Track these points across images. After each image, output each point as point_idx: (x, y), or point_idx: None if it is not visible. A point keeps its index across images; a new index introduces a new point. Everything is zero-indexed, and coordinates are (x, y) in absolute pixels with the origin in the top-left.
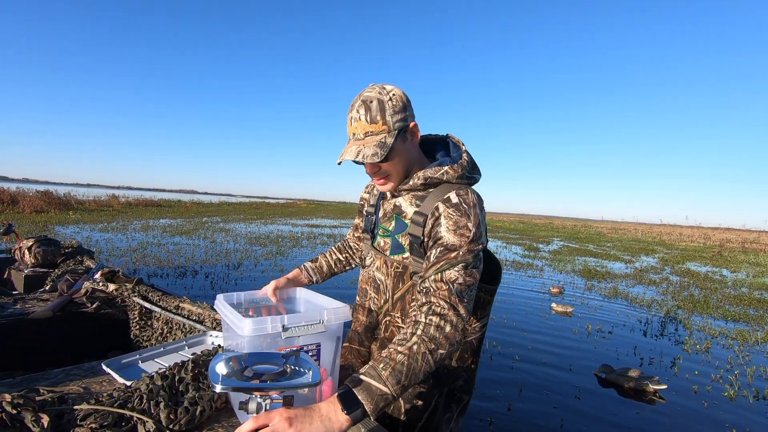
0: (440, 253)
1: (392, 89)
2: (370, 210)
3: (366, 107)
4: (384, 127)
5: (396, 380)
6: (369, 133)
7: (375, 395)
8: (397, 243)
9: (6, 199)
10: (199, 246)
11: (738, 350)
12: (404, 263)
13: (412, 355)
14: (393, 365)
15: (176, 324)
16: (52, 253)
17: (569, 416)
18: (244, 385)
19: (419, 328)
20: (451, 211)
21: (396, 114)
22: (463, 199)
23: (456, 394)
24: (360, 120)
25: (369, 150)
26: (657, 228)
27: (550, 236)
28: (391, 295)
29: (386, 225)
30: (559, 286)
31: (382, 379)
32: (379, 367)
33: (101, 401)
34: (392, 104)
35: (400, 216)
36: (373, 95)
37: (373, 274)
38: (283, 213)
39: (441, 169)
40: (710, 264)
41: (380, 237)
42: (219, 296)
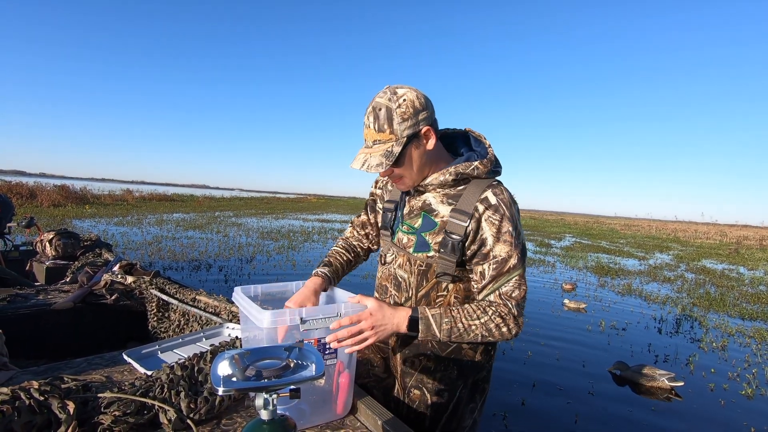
0: (493, 269)
1: (404, 94)
2: (388, 206)
3: (375, 115)
4: (391, 136)
5: (447, 335)
6: (377, 141)
7: (428, 333)
8: (423, 240)
9: (24, 193)
10: (213, 240)
11: (756, 348)
12: (428, 261)
13: (468, 330)
14: (452, 325)
15: (193, 316)
16: (72, 246)
17: (583, 412)
18: (246, 385)
19: (484, 317)
20: (491, 214)
21: (405, 122)
22: (501, 200)
23: (479, 385)
24: (369, 128)
25: (374, 160)
26: (672, 225)
27: (561, 232)
28: (415, 293)
29: (411, 222)
30: (572, 283)
31: (441, 329)
32: (444, 320)
33: (124, 390)
34: (401, 111)
35: (430, 214)
36: (383, 102)
37: (395, 272)
38: (294, 208)
39: (471, 164)
40: (727, 261)
41: (402, 233)
42: (237, 288)
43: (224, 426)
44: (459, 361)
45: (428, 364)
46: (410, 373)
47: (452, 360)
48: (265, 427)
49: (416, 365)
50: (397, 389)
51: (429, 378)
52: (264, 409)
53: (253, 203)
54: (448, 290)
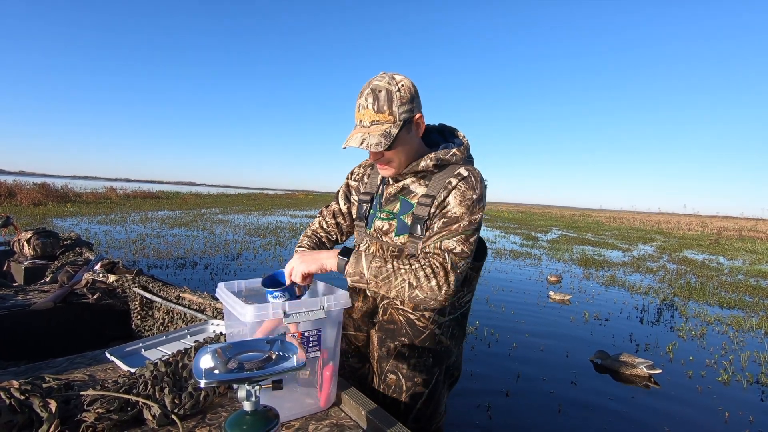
0: (443, 224)
1: (401, 80)
2: (363, 198)
3: (374, 96)
4: (390, 117)
5: (374, 274)
6: (375, 122)
7: (357, 268)
8: (403, 224)
9: (3, 192)
10: (198, 237)
11: (733, 336)
12: (400, 246)
13: (396, 274)
14: (381, 265)
15: (177, 314)
16: (51, 245)
17: (566, 402)
18: (228, 377)
19: (413, 266)
20: (461, 184)
21: (403, 105)
22: (471, 173)
23: (450, 371)
24: (367, 108)
25: (373, 139)
26: (655, 216)
27: (548, 225)
28: None
29: (390, 208)
30: (557, 275)
31: (369, 265)
32: (373, 259)
33: (107, 387)
34: (400, 95)
35: (407, 197)
36: (382, 84)
37: None
38: (281, 204)
39: (450, 151)
40: (707, 252)
41: (381, 220)
42: (220, 284)
43: (209, 420)
44: (433, 347)
45: (403, 350)
46: (386, 358)
47: (427, 347)
48: (248, 418)
49: (392, 350)
50: (372, 376)
51: (404, 363)
52: (247, 401)
53: (241, 200)
54: None
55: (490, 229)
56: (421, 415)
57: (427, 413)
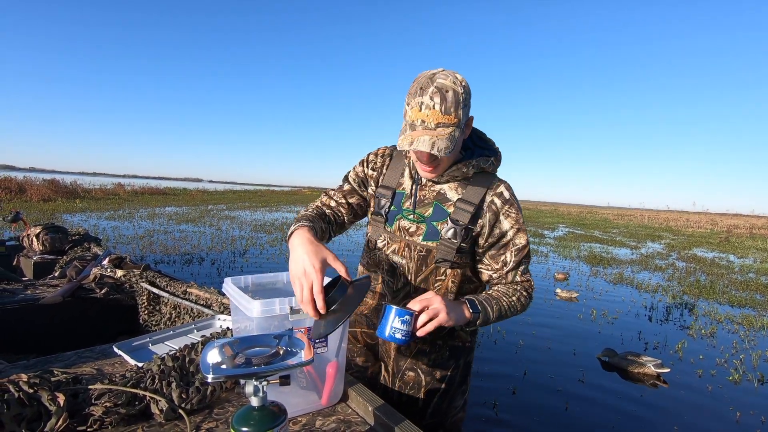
0: (515, 256)
1: (462, 80)
2: (383, 192)
3: (441, 96)
4: (455, 120)
5: (497, 316)
6: (441, 124)
7: (486, 316)
8: (434, 230)
9: (14, 188)
10: (205, 233)
11: (744, 335)
12: (428, 247)
13: (509, 308)
14: (500, 306)
15: (184, 309)
16: (59, 240)
17: (573, 399)
18: (235, 372)
19: (516, 294)
20: (508, 209)
21: (465, 108)
22: (512, 195)
23: (469, 367)
24: (434, 109)
25: (442, 143)
26: (664, 214)
27: (555, 223)
28: (414, 278)
29: (422, 211)
30: (564, 272)
31: (493, 310)
32: (493, 302)
33: (115, 381)
34: (464, 98)
35: (443, 204)
36: (448, 84)
37: (388, 257)
38: (287, 200)
39: (489, 160)
40: (717, 250)
41: (409, 221)
42: (227, 279)
43: (216, 415)
44: (451, 343)
45: (423, 347)
46: (405, 356)
47: (445, 342)
48: (255, 414)
49: (411, 348)
50: (385, 375)
51: (424, 360)
52: (254, 396)
53: (247, 196)
54: (446, 275)
55: None
56: (438, 409)
57: (443, 407)
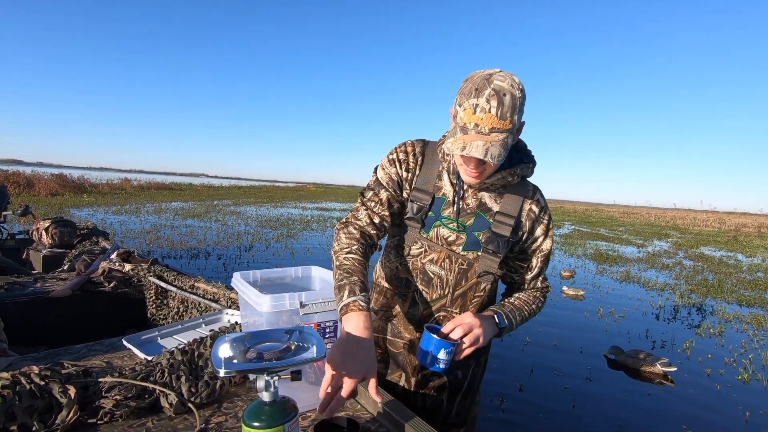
0: (542, 262)
1: (520, 83)
2: (420, 196)
3: (499, 100)
4: (510, 126)
5: (519, 324)
6: (495, 129)
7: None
8: (475, 240)
9: (22, 182)
10: (211, 228)
11: (752, 334)
12: (469, 260)
13: (531, 315)
14: (522, 317)
15: (191, 303)
16: (68, 234)
17: (580, 397)
18: (247, 367)
19: (537, 302)
20: (542, 215)
21: (521, 113)
22: (546, 201)
23: (485, 363)
24: (489, 113)
25: (496, 150)
26: (671, 212)
27: (560, 220)
28: (452, 291)
29: (464, 220)
30: (571, 270)
31: (516, 321)
32: (516, 313)
33: (125, 374)
34: (521, 102)
35: (485, 214)
36: (506, 87)
37: (424, 267)
38: (292, 196)
39: (529, 166)
40: (725, 249)
41: (449, 230)
42: (236, 274)
43: (225, 409)
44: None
45: None
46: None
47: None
48: (267, 408)
49: None
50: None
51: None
52: (265, 391)
53: (252, 192)
54: (485, 291)
55: None
56: (461, 407)
57: (466, 405)
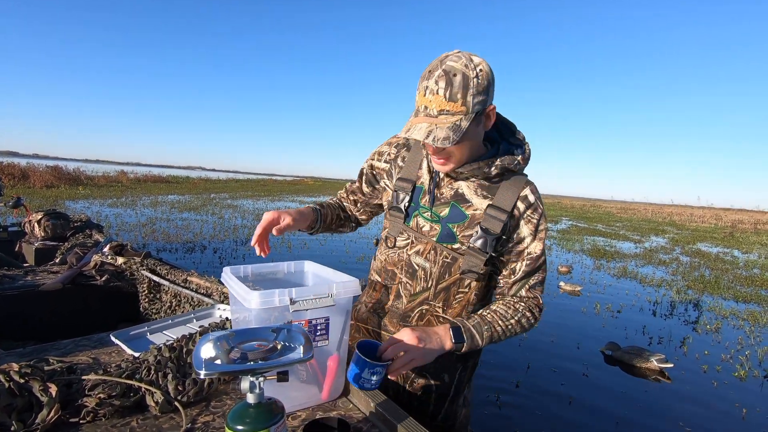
0: (527, 266)
1: (480, 63)
2: (402, 185)
3: (447, 80)
4: (462, 108)
5: (488, 342)
6: (444, 111)
7: (473, 343)
8: (449, 232)
9: (17, 174)
10: (208, 222)
11: (749, 331)
12: (454, 255)
13: (506, 331)
14: (492, 332)
15: (184, 297)
16: (61, 227)
17: (577, 393)
18: (230, 368)
19: (517, 315)
20: (530, 213)
21: (478, 95)
22: (537, 198)
23: (476, 364)
24: (437, 94)
25: (441, 133)
26: (668, 208)
27: (558, 216)
28: (435, 284)
29: (438, 210)
30: (568, 266)
31: (483, 337)
32: (484, 327)
33: (109, 372)
34: (477, 83)
35: (460, 205)
36: (458, 67)
37: (409, 258)
38: (290, 190)
39: (515, 159)
40: (722, 245)
41: (425, 220)
42: (226, 269)
43: (213, 408)
44: None
45: None
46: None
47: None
48: (252, 410)
49: None
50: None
51: (431, 365)
52: (250, 393)
53: (250, 185)
54: (469, 288)
55: None
56: (450, 412)
57: (453, 409)
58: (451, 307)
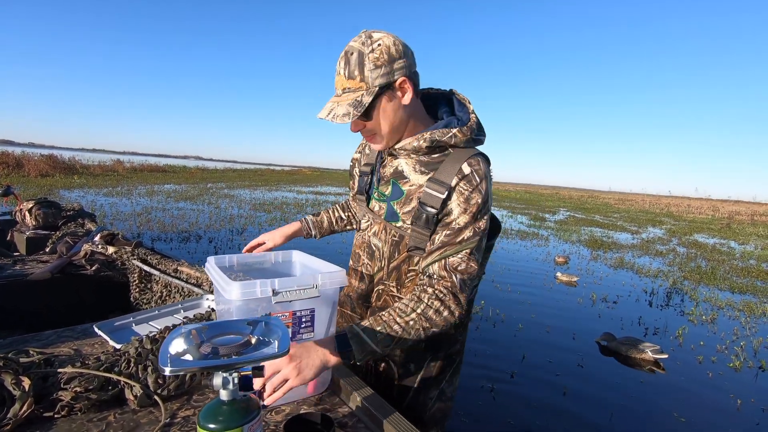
0: (446, 237)
1: (379, 38)
2: (364, 170)
3: (345, 60)
4: (361, 84)
5: (386, 344)
6: (346, 89)
7: (366, 350)
8: (392, 210)
9: (11, 163)
10: (204, 211)
11: (744, 322)
12: (401, 232)
13: (407, 329)
14: (388, 332)
15: (175, 287)
16: (52, 216)
17: (572, 384)
18: (198, 365)
19: (420, 306)
20: (463, 185)
21: (377, 69)
22: (475, 171)
23: (453, 359)
24: (339, 74)
25: (341, 110)
26: (666, 199)
27: (556, 206)
28: (387, 264)
29: (383, 189)
30: (565, 256)
31: (377, 341)
32: (377, 329)
33: (87, 364)
34: (374, 57)
35: (398, 181)
36: (355, 46)
37: (369, 239)
38: (288, 180)
39: (450, 131)
40: (718, 236)
41: (375, 200)
42: (210, 258)
43: (195, 402)
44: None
45: None
46: None
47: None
48: (225, 408)
49: None
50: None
51: (399, 352)
52: (223, 389)
53: (247, 175)
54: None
55: (497, 209)
56: (415, 403)
57: (420, 400)
58: (404, 285)
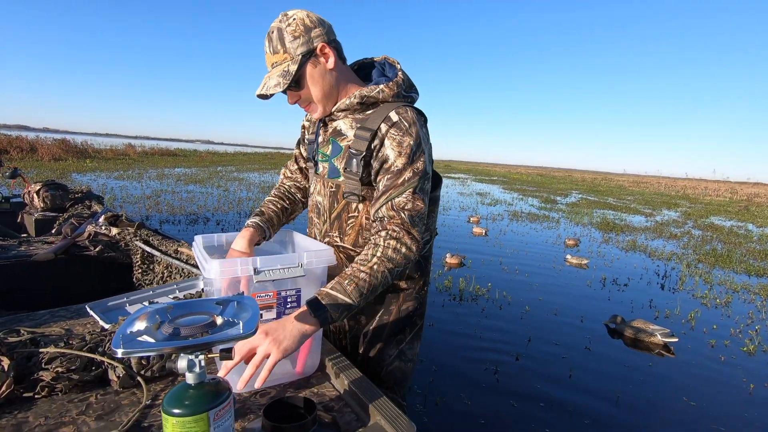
0: (388, 181)
1: (294, 14)
2: (311, 138)
3: (268, 39)
4: (285, 56)
5: (359, 294)
6: (274, 64)
7: (340, 306)
8: (334, 167)
9: (25, 147)
10: (212, 194)
11: (760, 305)
12: (337, 182)
13: (373, 274)
14: (357, 282)
15: (176, 268)
16: (60, 198)
17: (578, 366)
18: (153, 346)
19: (378, 250)
20: (393, 131)
21: (296, 39)
22: (402, 117)
23: (410, 317)
24: (267, 53)
25: (272, 81)
26: (681, 182)
27: (568, 189)
28: (329, 216)
29: (324, 150)
30: (575, 238)
31: (347, 293)
32: (344, 283)
33: (71, 344)
34: (291, 30)
35: (337, 139)
36: (275, 25)
37: (315, 199)
38: None
39: (377, 87)
40: (736, 219)
41: (320, 162)
42: (197, 237)
43: (179, 383)
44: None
45: None
46: None
47: None
48: (192, 392)
49: None
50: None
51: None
52: (189, 372)
53: (257, 158)
54: (358, 211)
55: (507, 191)
56: (367, 359)
57: (374, 356)
58: (346, 234)
